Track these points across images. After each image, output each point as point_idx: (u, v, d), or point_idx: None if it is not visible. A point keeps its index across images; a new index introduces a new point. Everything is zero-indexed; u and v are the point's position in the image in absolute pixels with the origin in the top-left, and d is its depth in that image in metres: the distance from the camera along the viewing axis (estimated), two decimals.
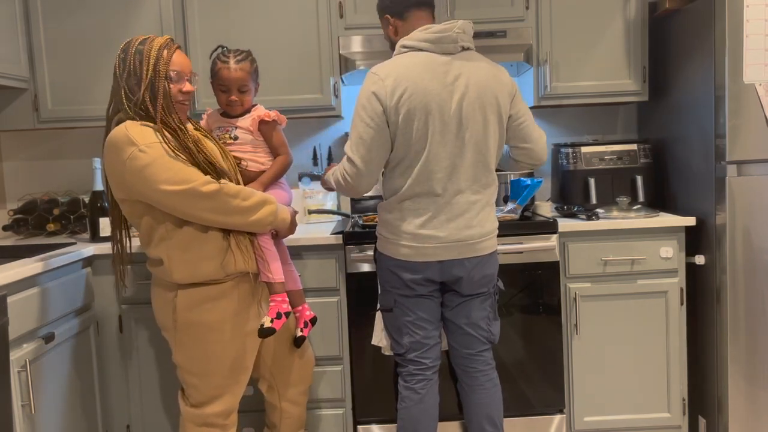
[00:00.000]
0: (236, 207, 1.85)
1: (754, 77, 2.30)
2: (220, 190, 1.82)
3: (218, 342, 1.93)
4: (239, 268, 1.92)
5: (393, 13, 2.06)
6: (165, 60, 1.85)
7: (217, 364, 1.95)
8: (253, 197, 1.89)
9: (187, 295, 1.91)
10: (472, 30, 2.05)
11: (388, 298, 2.11)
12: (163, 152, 1.79)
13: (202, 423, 1.99)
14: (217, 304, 1.91)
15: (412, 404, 2.09)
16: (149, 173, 1.78)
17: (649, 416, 2.58)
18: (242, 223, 1.89)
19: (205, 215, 1.83)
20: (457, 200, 1.98)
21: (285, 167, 2.13)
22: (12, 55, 2.58)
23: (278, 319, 1.95)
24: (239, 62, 2.03)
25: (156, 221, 1.89)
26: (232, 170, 1.98)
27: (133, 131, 1.80)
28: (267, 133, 2.09)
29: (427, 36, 1.98)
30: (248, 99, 2.08)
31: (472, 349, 2.12)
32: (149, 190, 1.80)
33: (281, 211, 1.97)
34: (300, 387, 2.24)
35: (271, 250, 1.99)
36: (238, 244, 1.91)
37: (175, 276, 1.90)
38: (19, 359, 1.95)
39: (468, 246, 1.99)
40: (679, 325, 2.54)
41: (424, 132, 1.94)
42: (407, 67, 1.95)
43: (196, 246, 1.88)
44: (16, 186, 3.08)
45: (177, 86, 1.89)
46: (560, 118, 3.15)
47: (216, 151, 1.96)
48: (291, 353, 2.19)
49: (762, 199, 2.34)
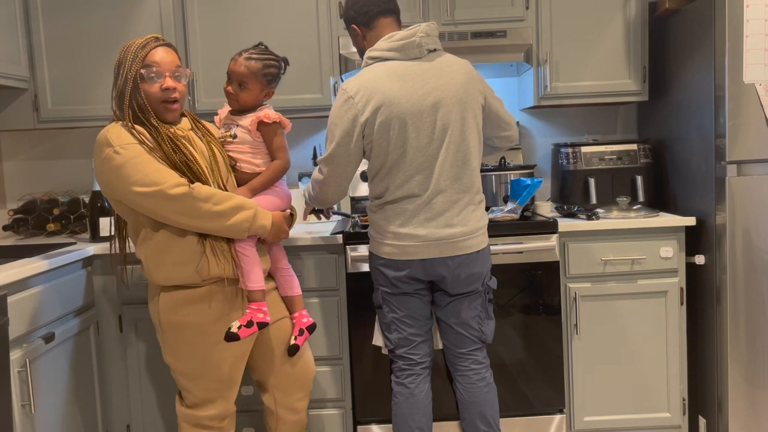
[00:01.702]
0: (206, 211, 1.82)
1: (754, 77, 2.30)
2: (188, 194, 1.80)
3: (202, 344, 1.92)
4: (213, 274, 1.89)
5: (360, 24, 2.08)
6: (139, 59, 1.84)
7: (204, 367, 1.93)
8: (228, 202, 1.85)
9: (168, 297, 1.90)
10: (437, 31, 2.07)
11: (377, 295, 2.15)
12: (137, 153, 1.79)
13: (197, 424, 1.99)
14: (197, 307, 1.90)
15: (403, 399, 2.12)
16: (123, 174, 1.78)
17: (649, 416, 2.58)
18: (217, 228, 1.85)
19: (176, 218, 1.82)
20: (436, 200, 1.99)
21: (279, 173, 2.06)
22: (12, 55, 2.58)
23: (248, 327, 1.91)
24: (249, 59, 2.00)
25: (138, 222, 1.89)
26: (220, 172, 1.95)
27: (112, 132, 1.81)
28: (267, 136, 2.04)
29: (392, 44, 2.00)
30: (245, 97, 2.02)
31: (463, 348, 2.13)
32: (124, 191, 1.80)
33: (260, 217, 1.91)
34: (297, 394, 2.16)
35: (249, 257, 1.93)
36: (213, 249, 1.88)
37: (154, 277, 1.90)
38: (19, 359, 1.95)
39: (449, 244, 2.00)
40: (679, 325, 2.54)
41: (400, 141, 1.96)
42: (376, 80, 1.97)
43: (172, 249, 1.86)
44: (16, 186, 3.08)
45: (156, 84, 1.86)
46: (560, 118, 3.15)
47: (203, 150, 1.93)
48: (284, 361, 2.12)
49: (762, 199, 2.34)
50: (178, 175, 1.82)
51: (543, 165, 3.14)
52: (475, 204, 2.06)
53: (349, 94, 1.97)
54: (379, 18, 2.05)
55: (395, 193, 2.00)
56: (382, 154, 1.98)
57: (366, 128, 1.96)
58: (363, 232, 2.43)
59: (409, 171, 1.98)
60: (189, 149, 1.89)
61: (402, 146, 1.97)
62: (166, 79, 1.87)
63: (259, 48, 2.05)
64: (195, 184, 1.83)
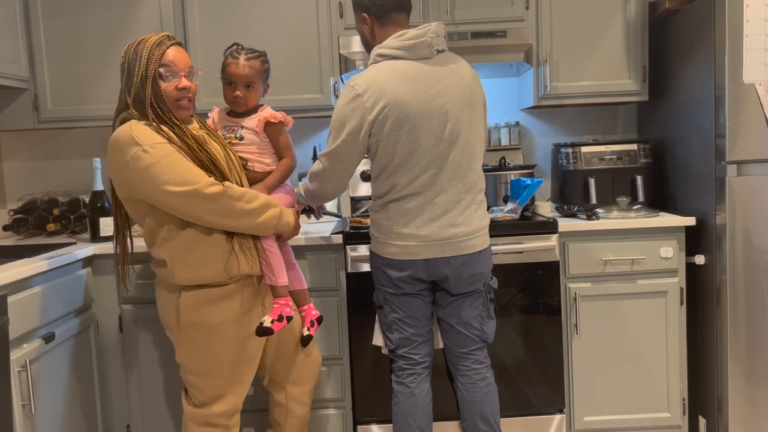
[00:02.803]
0: (240, 210, 1.84)
1: (754, 77, 2.30)
2: (224, 193, 1.80)
3: (221, 343, 1.92)
4: (243, 271, 1.90)
5: (372, 14, 2.04)
6: (156, 58, 1.82)
7: (220, 364, 1.94)
8: (257, 200, 1.88)
9: (191, 296, 1.90)
10: (444, 31, 2.06)
11: (378, 295, 2.15)
12: (167, 152, 1.78)
13: (205, 423, 1.99)
14: (221, 305, 1.90)
15: (403, 398, 2.12)
16: (153, 174, 1.76)
17: (649, 416, 2.58)
18: (246, 226, 1.87)
19: (209, 217, 1.82)
20: (440, 200, 1.99)
21: (289, 171, 2.10)
22: (12, 55, 2.58)
23: (279, 321, 1.95)
24: (249, 59, 2.00)
25: (159, 222, 1.87)
26: (237, 171, 1.96)
27: (137, 131, 1.78)
28: (273, 135, 2.05)
29: (402, 43, 1.98)
30: (253, 98, 2.04)
31: (464, 348, 2.13)
32: (153, 190, 1.78)
33: (285, 214, 1.96)
34: (306, 386, 2.22)
35: (275, 253, 1.97)
36: (241, 247, 1.89)
37: (177, 278, 1.88)
38: (19, 359, 1.95)
39: (452, 244, 2.00)
40: (679, 325, 2.54)
41: (409, 141, 1.95)
42: (385, 79, 1.95)
43: (199, 248, 1.86)
44: (16, 186, 3.08)
45: (172, 83, 1.85)
46: (560, 118, 3.15)
47: (220, 151, 1.94)
48: (296, 353, 2.17)
49: (762, 199, 2.34)
50: (207, 175, 1.82)
51: (543, 165, 3.14)
52: (478, 204, 2.06)
53: (357, 92, 1.95)
54: (392, 13, 2.02)
55: (400, 192, 1.99)
56: (389, 153, 1.97)
57: (374, 127, 1.95)
58: (363, 232, 2.43)
59: (416, 170, 1.97)
60: (210, 148, 1.89)
61: (410, 146, 1.95)
62: (182, 79, 1.87)
63: (240, 47, 2.04)
64: (226, 183, 1.83)
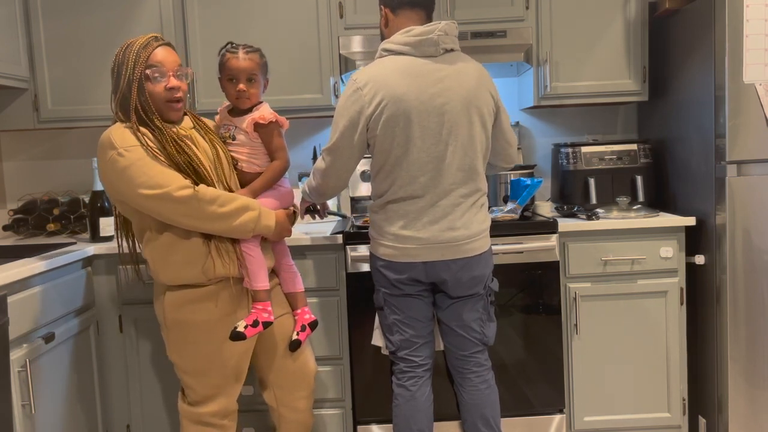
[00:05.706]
0: (212, 213, 1.83)
1: (754, 77, 2.30)
2: (193, 196, 1.80)
3: (208, 342, 1.93)
4: (219, 274, 1.90)
5: (387, 5, 2.03)
6: (142, 60, 1.83)
7: (209, 364, 1.94)
8: (233, 203, 1.86)
9: (175, 296, 1.92)
10: (456, 30, 2.03)
11: (378, 297, 2.14)
12: (141, 155, 1.79)
13: (198, 421, 1.99)
14: (202, 306, 1.91)
15: (404, 401, 2.11)
16: (127, 176, 1.79)
17: (649, 416, 2.58)
18: (222, 229, 1.87)
19: (182, 220, 1.83)
20: (440, 203, 1.98)
21: (279, 173, 2.04)
22: (12, 55, 2.58)
23: (254, 326, 1.92)
24: (248, 53, 1.99)
25: (143, 223, 1.90)
26: (224, 171, 1.95)
27: (116, 134, 1.81)
28: (265, 136, 2.01)
29: (408, 39, 1.97)
30: (255, 92, 2.01)
31: (465, 350, 2.12)
32: (129, 193, 1.81)
33: (265, 217, 1.93)
34: (297, 392, 2.14)
35: (255, 257, 1.94)
36: (218, 250, 1.89)
37: (161, 277, 1.92)
38: (19, 359, 1.95)
39: (452, 247, 1.99)
40: (679, 325, 2.54)
41: (404, 138, 1.94)
42: (387, 74, 1.94)
43: (178, 250, 1.88)
44: (16, 186, 3.08)
45: (161, 83, 1.85)
46: (560, 118, 3.15)
47: (208, 151, 1.93)
48: (285, 357, 2.11)
49: (762, 199, 2.34)
50: (182, 177, 1.82)
51: (543, 165, 3.14)
52: (479, 207, 2.05)
53: (357, 86, 1.95)
54: (404, 7, 2.00)
55: (398, 193, 1.98)
56: (385, 150, 1.96)
57: (370, 122, 1.94)
58: (363, 232, 2.43)
59: (413, 170, 1.96)
60: (193, 150, 1.89)
61: (405, 144, 1.94)
62: (170, 79, 1.87)
63: (236, 44, 2.03)
64: (200, 186, 1.83)
